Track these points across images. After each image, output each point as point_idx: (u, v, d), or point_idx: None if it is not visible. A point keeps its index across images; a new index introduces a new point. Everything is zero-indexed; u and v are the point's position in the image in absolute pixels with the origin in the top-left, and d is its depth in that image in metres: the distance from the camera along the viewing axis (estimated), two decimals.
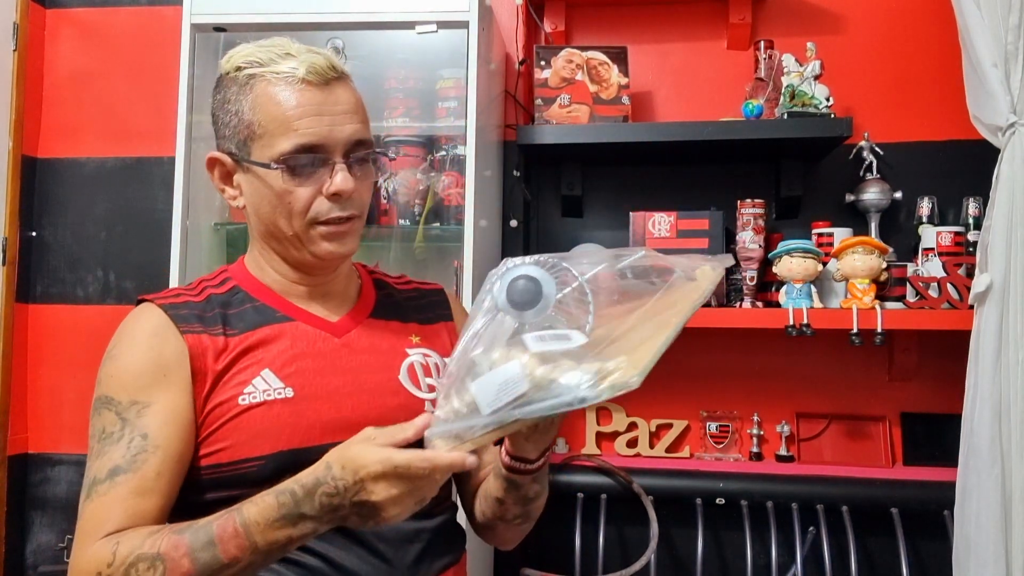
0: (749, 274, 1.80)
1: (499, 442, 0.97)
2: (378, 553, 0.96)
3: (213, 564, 0.81)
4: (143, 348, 0.96)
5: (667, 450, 1.96)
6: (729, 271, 1.85)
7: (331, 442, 0.90)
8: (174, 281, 1.69)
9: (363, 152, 0.99)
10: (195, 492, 0.94)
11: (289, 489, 0.82)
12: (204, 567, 0.81)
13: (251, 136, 0.98)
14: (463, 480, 1.14)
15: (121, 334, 0.99)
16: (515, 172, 2.01)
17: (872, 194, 1.87)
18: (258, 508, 0.82)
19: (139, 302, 1.02)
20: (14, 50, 2.12)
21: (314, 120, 0.95)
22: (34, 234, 2.20)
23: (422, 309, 1.13)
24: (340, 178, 0.96)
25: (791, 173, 1.94)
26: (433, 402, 1.05)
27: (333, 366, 0.98)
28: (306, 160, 0.95)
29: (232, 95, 0.99)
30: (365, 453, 0.79)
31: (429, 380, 1.04)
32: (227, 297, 1.02)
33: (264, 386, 0.95)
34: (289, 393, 0.95)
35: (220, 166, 1.03)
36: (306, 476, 0.82)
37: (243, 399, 0.95)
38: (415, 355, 1.05)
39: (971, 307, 1.63)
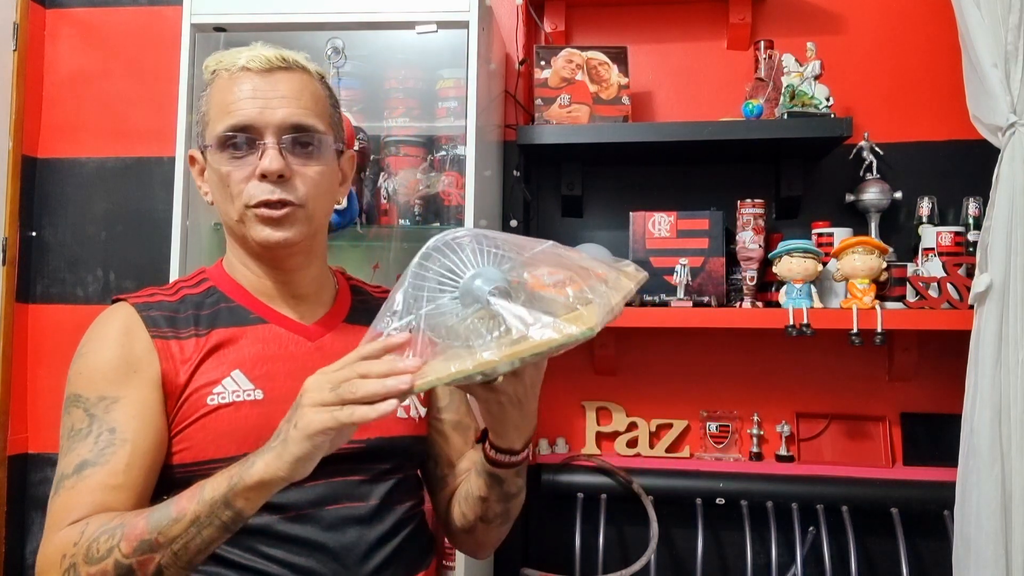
0: (749, 274, 1.80)
1: (482, 439, 0.99)
2: (338, 559, 0.95)
3: (163, 520, 0.81)
4: (112, 345, 0.97)
5: (667, 450, 1.96)
6: (729, 271, 1.85)
7: None
8: None
9: (298, 135, 0.99)
10: (169, 491, 0.93)
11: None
12: (155, 523, 0.81)
13: (205, 126, 1.03)
14: (437, 487, 1.14)
15: (91, 332, 1.01)
16: (515, 172, 2.01)
17: (872, 194, 1.87)
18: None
19: (114, 302, 1.04)
20: (14, 50, 2.12)
21: (247, 102, 0.98)
22: (34, 234, 2.20)
23: None
24: (267, 157, 0.97)
25: (791, 173, 1.94)
26: (407, 408, 1.07)
27: (304, 369, 0.97)
28: (237, 139, 0.98)
29: (201, 96, 1.05)
30: None
31: None
32: (201, 298, 1.04)
33: (233, 387, 0.96)
34: (259, 395, 0.96)
35: (195, 163, 1.07)
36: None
37: (211, 399, 0.95)
38: None
39: (971, 307, 1.63)
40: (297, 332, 1.03)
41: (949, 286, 1.69)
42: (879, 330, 1.66)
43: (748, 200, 1.81)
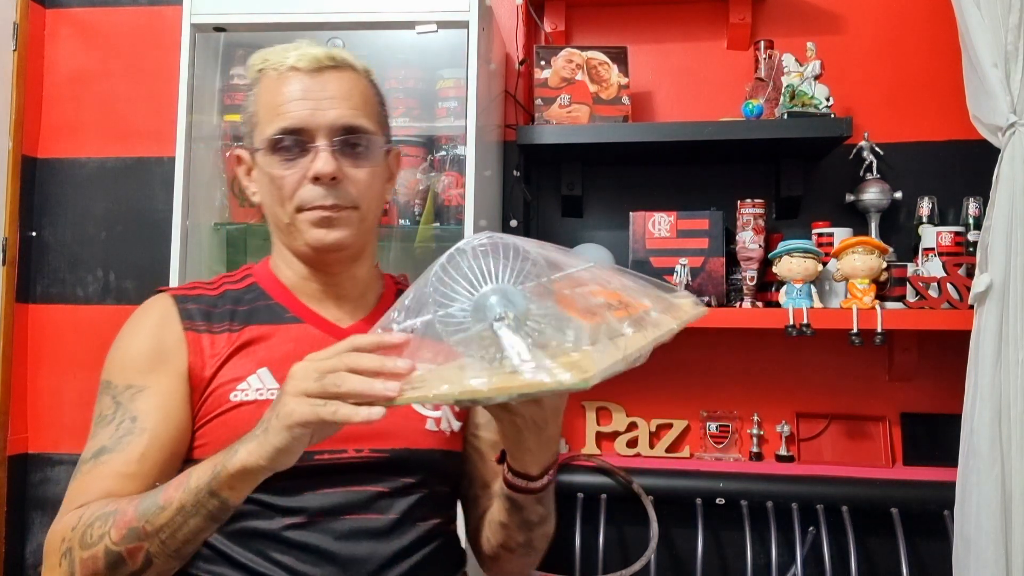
0: (749, 274, 1.80)
1: (502, 459, 0.93)
2: (347, 571, 0.91)
3: (151, 508, 0.81)
4: (145, 335, 0.97)
5: (667, 450, 1.96)
6: (729, 271, 1.85)
7: (315, 451, 0.89)
8: (174, 281, 1.69)
9: (349, 136, 0.98)
10: None
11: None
12: (143, 511, 0.81)
13: (253, 126, 1.01)
14: (470, 508, 1.10)
15: (129, 321, 1.01)
16: (515, 172, 2.01)
17: (872, 194, 1.87)
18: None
19: (157, 292, 1.04)
20: (14, 50, 2.12)
21: (298, 104, 0.97)
22: (34, 234, 2.20)
23: None
24: (319, 160, 0.95)
25: (791, 173, 1.94)
26: (437, 420, 1.03)
27: None
28: (289, 142, 0.97)
29: (248, 95, 1.04)
30: None
31: None
32: (241, 293, 1.03)
33: (258, 384, 0.94)
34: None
35: (242, 163, 1.06)
36: None
37: (235, 395, 0.94)
38: None
39: (971, 307, 1.63)
40: (331, 333, 1.00)
41: (949, 286, 1.69)
42: (879, 330, 1.66)
43: (748, 200, 1.81)
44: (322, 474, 0.93)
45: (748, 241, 1.79)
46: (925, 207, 1.88)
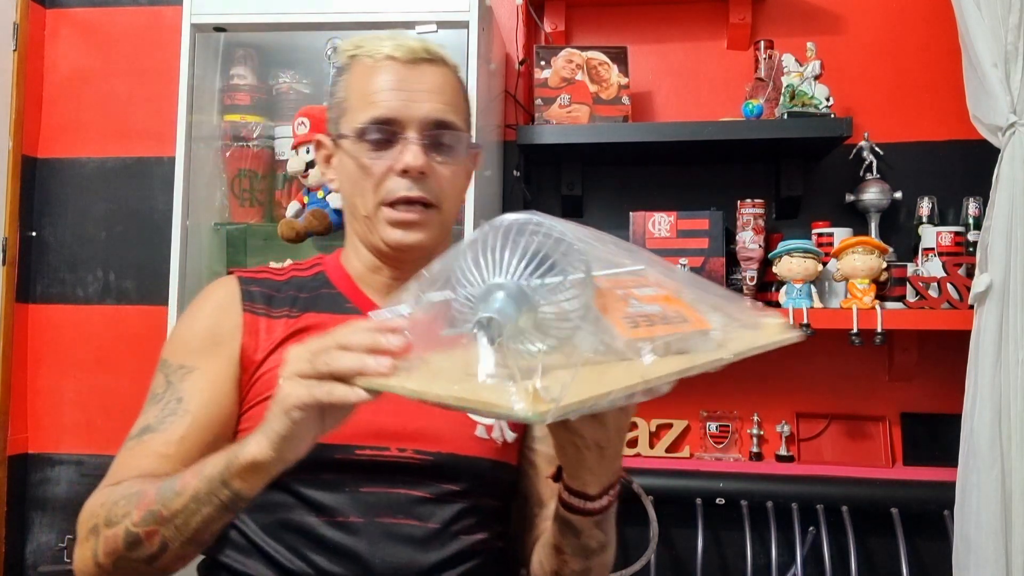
0: (749, 274, 1.80)
1: (557, 476, 0.83)
2: None
3: (168, 492, 0.78)
4: (205, 316, 0.97)
5: (667, 450, 1.96)
6: (729, 271, 1.85)
7: (357, 445, 0.89)
8: (174, 282, 1.69)
9: (440, 132, 0.96)
10: None
11: None
12: (162, 495, 0.78)
13: (342, 113, 0.99)
14: (525, 527, 1.01)
15: (194, 301, 1.01)
16: (515, 172, 2.01)
17: (872, 194, 1.87)
18: None
19: (229, 274, 1.04)
20: (14, 50, 2.12)
21: (392, 94, 0.95)
22: (34, 234, 2.20)
23: None
24: (409, 153, 0.93)
25: (791, 173, 1.94)
26: (488, 428, 0.97)
27: None
28: (379, 132, 0.95)
29: (337, 80, 1.01)
30: None
31: None
32: (307, 281, 1.02)
33: None
34: None
35: (323, 148, 1.04)
36: None
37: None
38: None
39: (971, 307, 1.63)
40: None
41: (949, 286, 1.69)
42: (879, 330, 1.66)
43: (748, 200, 1.81)
44: (363, 470, 0.91)
45: (748, 241, 1.79)
46: (925, 207, 1.88)
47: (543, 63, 1.91)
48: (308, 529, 0.89)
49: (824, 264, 1.75)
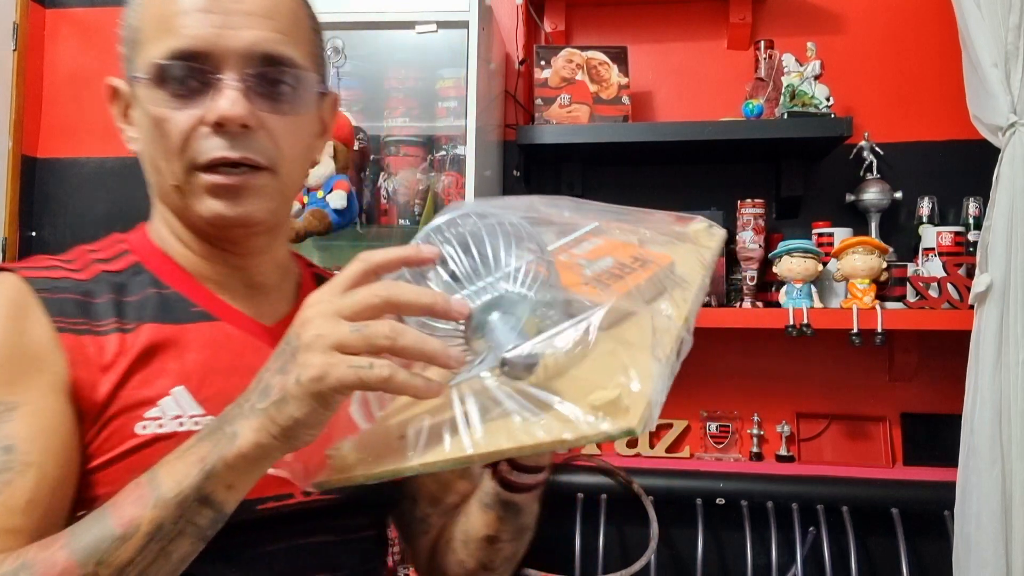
0: (749, 274, 1.80)
1: (492, 466, 0.76)
2: None
3: (101, 542, 0.56)
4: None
5: (667, 450, 1.96)
6: (729, 271, 1.85)
7: (258, 499, 0.69)
8: None
9: (269, 69, 0.71)
10: None
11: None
12: (88, 549, 0.56)
13: (134, 47, 0.74)
14: (417, 531, 0.88)
15: None
16: (515, 172, 2.01)
17: (872, 194, 1.87)
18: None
19: None
20: (14, 50, 2.12)
21: (199, 18, 0.69)
22: (34, 234, 2.20)
23: None
24: (224, 99, 0.68)
25: (791, 173, 1.93)
26: None
27: None
28: (182, 71, 0.69)
29: (131, 3, 0.76)
30: None
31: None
32: (124, 278, 0.75)
33: (175, 410, 0.68)
34: (209, 422, 0.62)
35: (118, 97, 0.78)
36: None
37: (144, 426, 0.67)
38: None
39: (971, 307, 1.63)
40: (257, 335, 0.75)
41: (949, 286, 1.69)
42: (879, 330, 1.66)
43: (748, 200, 1.81)
44: (266, 526, 0.72)
45: (748, 241, 1.79)
46: (925, 207, 1.88)
47: (543, 63, 1.91)
48: None
49: (824, 264, 1.75)
